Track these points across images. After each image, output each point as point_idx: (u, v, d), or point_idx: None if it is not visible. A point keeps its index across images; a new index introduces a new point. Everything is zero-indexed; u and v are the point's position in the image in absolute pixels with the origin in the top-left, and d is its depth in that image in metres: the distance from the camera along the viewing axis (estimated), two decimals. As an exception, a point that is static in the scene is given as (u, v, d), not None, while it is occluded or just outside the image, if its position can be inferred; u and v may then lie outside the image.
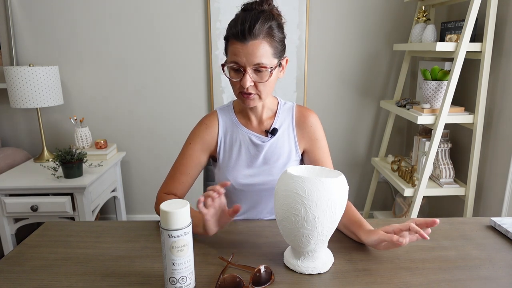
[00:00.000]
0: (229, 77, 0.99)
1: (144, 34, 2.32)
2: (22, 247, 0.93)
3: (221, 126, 1.12)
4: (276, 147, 1.10)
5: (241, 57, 0.94)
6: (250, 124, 1.11)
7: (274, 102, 1.14)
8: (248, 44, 0.93)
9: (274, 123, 1.11)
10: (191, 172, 1.10)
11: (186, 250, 0.73)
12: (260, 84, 0.98)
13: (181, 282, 0.74)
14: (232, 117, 1.12)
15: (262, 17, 0.94)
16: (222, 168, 1.11)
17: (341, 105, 2.46)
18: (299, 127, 1.12)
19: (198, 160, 1.11)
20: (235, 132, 1.11)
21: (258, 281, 0.76)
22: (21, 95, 2.02)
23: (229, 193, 1.12)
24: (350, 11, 2.32)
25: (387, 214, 2.51)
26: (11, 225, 1.92)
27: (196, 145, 1.10)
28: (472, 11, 1.62)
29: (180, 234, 0.72)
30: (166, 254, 0.73)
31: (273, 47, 0.96)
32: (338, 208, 0.76)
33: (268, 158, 1.10)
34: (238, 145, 1.10)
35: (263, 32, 0.93)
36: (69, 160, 1.86)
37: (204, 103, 2.43)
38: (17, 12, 2.27)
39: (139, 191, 2.59)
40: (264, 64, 0.95)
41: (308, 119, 1.11)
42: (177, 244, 0.72)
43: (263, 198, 1.12)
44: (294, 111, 1.13)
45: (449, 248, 0.91)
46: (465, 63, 1.79)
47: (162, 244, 0.74)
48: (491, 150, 1.78)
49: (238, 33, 0.93)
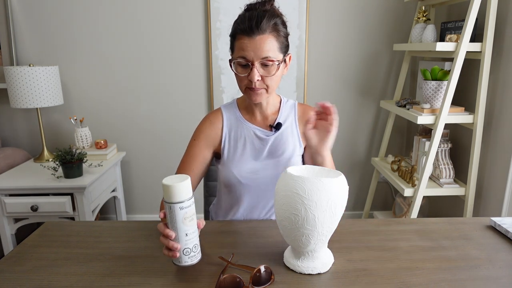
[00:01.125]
0: (236, 72, 1.01)
1: (144, 34, 2.32)
2: (22, 247, 0.93)
3: (226, 122, 1.14)
4: (280, 141, 1.12)
5: (248, 52, 0.97)
6: (255, 120, 1.14)
7: (277, 99, 1.17)
8: (255, 38, 0.96)
9: (278, 118, 1.13)
10: (195, 169, 1.11)
11: (194, 219, 0.77)
12: (267, 78, 1.00)
13: (194, 250, 0.78)
14: (236, 113, 1.15)
15: (268, 13, 0.98)
16: (227, 163, 1.12)
17: (341, 105, 2.46)
18: (301, 122, 1.14)
19: (202, 157, 1.12)
20: (239, 128, 1.13)
21: (258, 281, 0.76)
22: (21, 95, 2.02)
23: (233, 188, 1.13)
24: (350, 11, 2.32)
25: (387, 214, 2.51)
26: (11, 225, 1.93)
27: (200, 141, 1.12)
28: (472, 11, 1.62)
29: (189, 203, 0.75)
30: (179, 228, 0.75)
31: (279, 42, 1.00)
32: (338, 208, 0.76)
33: (273, 152, 1.11)
34: (243, 140, 1.12)
35: (270, 27, 0.97)
36: (69, 160, 1.86)
37: (204, 103, 2.43)
38: (17, 12, 2.27)
39: (139, 191, 2.59)
40: (272, 58, 0.98)
41: (310, 114, 1.13)
42: (188, 214, 0.75)
43: (267, 193, 1.13)
44: (296, 107, 1.16)
45: (449, 248, 0.91)
46: (465, 63, 1.79)
47: (170, 220, 0.75)
48: (491, 150, 1.78)
49: (246, 28, 0.96)
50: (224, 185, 1.15)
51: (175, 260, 0.78)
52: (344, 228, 1.02)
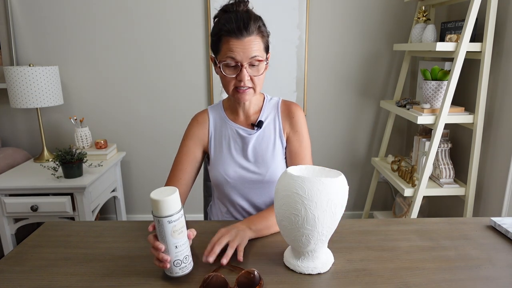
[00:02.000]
0: (224, 73, 1.02)
1: (144, 34, 2.32)
2: (22, 247, 0.93)
3: (211, 122, 1.17)
4: (263, 139, 1.14)
5: (238, 53, 0.99)
6: (238, 119, 1.16)
7: (261, 97, 1.19)
8: (244, 40, 0.98)
9: (260, 117, 1.15)
10: (187, 168, 1.13)
11: (184, 231, 0.77)
12: (255, 78, 1.03)
13: (185, 261, 0.78)
14: (221, 114, 1.18)
15: (252, 15, 1.01)
16: (214, 163, 1.15)
17: (341, 105, 2.46)
18: (283, 117, 1.16)
19: (193, 156, 1.14)
20: (224, 127, 1.16)
21: (245, 283, 0.75)
22: (21, 95, 2.02)
23: (222, 187, 1.15)
24: (350, 11, 2.32)
25: (387, 214, 2.51)
26: (11, 225, 1.92)
27: (189, 141, 1.15)
28: (472, 11, 1.62)
29: (178, 217, 0.75)
30: (168, 240, 0.75)
31: (264, 42, 1.04)
32: (338, 208, 0.76)
33: (256, 150, 1.13)
34: (227, 139, 1.15)
35: (256, 29, 1.00)
36: (69, 160, 1.86)
37: (204, 103, 2.43)
38: (17, 12, 2.27)
39: (139, 191, 2.59)
40: (259, 58, 1.01)
41: (291, 110, 1.16)
42: (177, 227, 0.75)
43: (255, 190, 1.14)
44: (279, 104, 1.18)
45: (449, 248, 0.91)
46: (465, 63, 1.79)
47: (159, 233, 0.76)
48: (491, 150, 1.78)
49: (234, 30, 0.98)
50: (214, 185, 1.18)
51: (166, 271, 0.79)
52: (344, 228, 1.02)
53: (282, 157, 1.15)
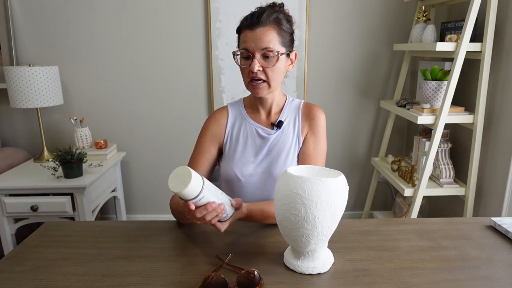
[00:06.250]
0: (240, 64, 1.06)
1: (144, 34, 2.32)
2: (22, 247, 0.93)
3: (230, 118, 1.17)
4: (280, 140, 1.14)
5: (249, 43, 1.01)
6: (259, 118, 1.17)
7: (283, 98, 1.19)
8: (256, 30, 1.01)
9: (280, 117, 1.15)
10: (202, 165, 1.14)
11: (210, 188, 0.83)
12: (267, 69, 1.03)
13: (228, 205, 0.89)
14: (242, 111, 1.18)
15: (270, 8, 1.04)
16: (228, 159, 1.14)
17: (341, 105, 2.46)
18: (304, 119, 1.16)
19: (209, 153, 1.15)
20: (243, 125, 1.16)
21: (245, 283, 0.75)
22: (21, 95, 2.02)
23: (232, 184, 1.14)
24: (350, 11, 2.32)
25: (387, 214, 2.51)
26: (11, 225, 1.92)
27: (206, 137, 1.16)
28: (472, 11, 1.62)
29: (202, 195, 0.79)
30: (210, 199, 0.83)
31: (281, 36, 1.03)
32: (338, 208, 0.76)
33: (272, 150, 1.13)
34: (245, 137, 1.15)
35: (271, 21, 1.02)
36: (69, 160, 1.86)
37: (204, 103, 2.43)
38: (17, 12, 2.27)
39: (139, 191, 2.59)
40: (271, 48, 1.01)
41: (313, 112, 1.16)
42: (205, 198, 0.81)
43: (265, 190, 1.14)
44: (301, 105, 1.18)
45: (449, 248, 0.91)
46: (465, 63, 1.79)
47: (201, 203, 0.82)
48: (491, 150, 1.78)
49: (248, 22, 1.02)
50: (224, 181, 1.17)
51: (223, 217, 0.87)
52: (344, 228, 1.02)
53: (294, 160, 1.14)
